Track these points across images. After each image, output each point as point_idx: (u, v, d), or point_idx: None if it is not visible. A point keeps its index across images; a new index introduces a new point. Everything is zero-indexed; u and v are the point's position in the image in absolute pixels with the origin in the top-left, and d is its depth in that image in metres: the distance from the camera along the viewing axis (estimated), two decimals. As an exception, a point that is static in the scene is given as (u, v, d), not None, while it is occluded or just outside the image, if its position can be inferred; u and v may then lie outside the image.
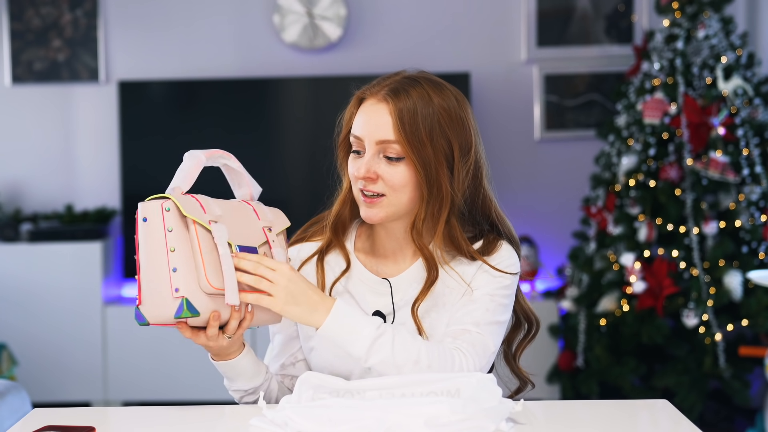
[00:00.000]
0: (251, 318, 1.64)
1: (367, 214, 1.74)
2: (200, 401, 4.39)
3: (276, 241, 1.70)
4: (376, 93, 1.74)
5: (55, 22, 4.87)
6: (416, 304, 1.76)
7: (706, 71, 4.10)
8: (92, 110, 4.91)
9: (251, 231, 1.67)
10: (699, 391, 3.84)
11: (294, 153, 4.75)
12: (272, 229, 1.70)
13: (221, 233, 1.60)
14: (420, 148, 1.69)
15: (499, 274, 1.77)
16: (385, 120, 1.71)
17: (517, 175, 4.86)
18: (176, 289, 1.56)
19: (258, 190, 1.75)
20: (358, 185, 1.74)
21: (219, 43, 4.88)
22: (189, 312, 1.57)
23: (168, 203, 1.59)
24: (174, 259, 1.57)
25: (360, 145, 1.74)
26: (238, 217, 1.67)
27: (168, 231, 1.58)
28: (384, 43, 4.86)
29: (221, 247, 1.59)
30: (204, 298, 1.58)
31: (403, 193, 1.72)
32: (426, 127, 1.70)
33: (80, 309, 4.55)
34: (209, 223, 1.60)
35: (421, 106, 1.70)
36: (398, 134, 1.69)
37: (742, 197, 3.95)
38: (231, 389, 1.79)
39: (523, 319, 1.88)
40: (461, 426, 1.47)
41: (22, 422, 1.65)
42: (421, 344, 1.67)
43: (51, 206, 4.93)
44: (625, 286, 4.04)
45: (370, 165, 1.71)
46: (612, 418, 1.67)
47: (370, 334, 1.64)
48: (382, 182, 1.71)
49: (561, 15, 4.84)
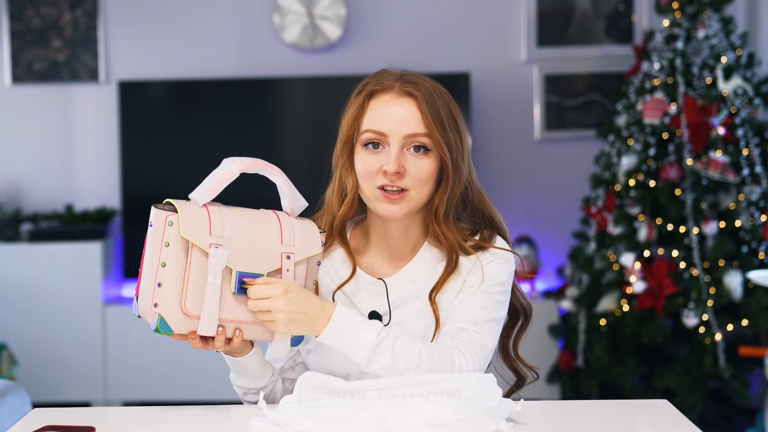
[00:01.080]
0: (241, 336, 1.63)
1: (390, 211, 1.72)
2: (200, 401, 4.39)
3: (292, 270, 1.62)
4: (390, 87, 1.74)
5: (55, 22, 4.87)
6: (434, 293, 1.76)
7: (706, 71, 4.10)
8: (92, 110, 4.91)
9: (265, 255, 1.61)
10: (699, 391, 3.84)
11: (294, 153, 4.75)
12: (293, 255, 1.63)
13: (218, 260, 1.57)
14: (445, 135, 1.72)
15: (493, 271, 1.77)
16: (412, 113, 1.72)
17: (517, 175, 4.86)
18: (155, 304, 1.57)
19: (301, 206, 1.69)
20: (377, 182, 1.72)
21: (219, 43, 4.88)
22: (162, 330, 1.57)
23: (173, 217, 1.57)
24: (162, 275, 1.57)
25: (383, 140, 1.73)
26: (254, 238, 1.61)
27: (165, 245, 1.57)
28: (384, 43, 4.86)
29: (210, 275, 1.56)
30: (181, 319, 1.58)
31: (427, 187, 1.74)
32: (445, 116, 1.73)
33: (80, 309, 4.55)
34: (209, 247, 1.57)
35: (439, 100, 1.74)
36: (428, 126, 1.71)
37: (742, 197, 3.95)
38: (235, 384, 1.79)
39: (519, 309, 1.87)
40: (461, 426, 1.47)
41: (22, 422, 1.65)
42: (421, 347, 1.67)
43: (51, 206, 4.93)
44: (625, 286, 4.04)
45: (400, 159, 1.71)
46: (612, 418, 1.67)
47: (371, 341, 1.64)
48: (408, 177, 1.72)
49: (561, 15, 4.84)
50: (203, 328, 1.58)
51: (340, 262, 1.83)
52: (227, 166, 1.62)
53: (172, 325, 1.57)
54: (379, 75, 1.78)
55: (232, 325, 1.62)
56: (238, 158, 1.64)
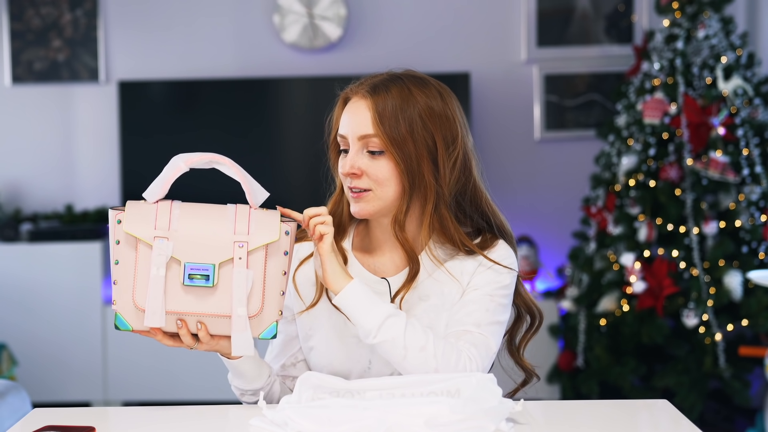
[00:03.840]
0: (205, 330, 1.62)
1: (355, 209, 1.77)
2: (200, 401, 4.39)
3: (244, 258, 1.61)
4: (357, 91, 1.78)
5: (55, 22, 4.87)
6: (397, 296, 1.77)
7: (706, 71, 4.10)
8: (92, 110, 4.91)
9: (216, 245, 1.61)
10: (699, 391, 3.84)
11: (294, 153, 4.74)
12: (246, 244, 1.61)
13: (160, 251, 1.59)
14: (400, 141, 1.72)
15: (497, 274, 1.78)
16: (364, 115, 1.74)
17: (517, 175, 4.86)
18: (113, 301, 1.62)
19: (260, 197, 1.66)
20: (346, 183, 1.77)
21: (219, 43, 4.88)
22: (119, 326, 1.61)
23: (121, 215, 1.61)
24: (116, 272, 1.61)
25: (345, 143, 1.77)
26: (203, 230, 1.61)
27: (116, 243, 1.61)
28: (384, 43, 4.86)
29: (153, 267, 1.59)
30: (134, 314, 1.61)
31: (389, 187, 1.74)
32: (406, 121, 1.72)
33: (80, 309, 4.56)
34: (153, 240, 1.59)
35: (400, 102, 1.73)
36: (377, 128, 1.72)
37: (742, 197, 3.95)
38: (232, 384, 1.80)
39: (525, 311, 1.88)
40: (461, 426, 1.48)
41: (22, 422, 1.66)
42: (430, 335, 1.69)
43: (51, 206, 4.93)
44: (625, 286, 4.04)
45: (354, 161, 1.74)
46: (612, 418, 1.67)
47: (386, 311, 1.67)
48: (366, 177, 1.74)
49: (561, 15, 4.84)
50: (149, 318, 1.60)
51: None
52: (174, 162, 1.66)
53: (128, 321, 1.61)
54: (364, 78, 1.81)
55: (193, 318, 1.61)
56: (186, 154, 1.66)
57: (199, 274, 1.60)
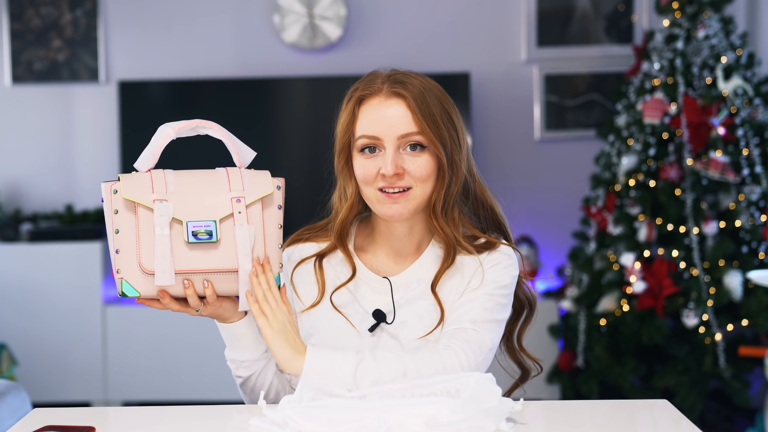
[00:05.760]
0: (212, 288, 1.64)
1: (394, 210, 1.74)
2: (200, 401, 4.39)
3: (243, 212, 1.65)
4: (378, 91, 1.75)
5: (55, 22, 4.87)
6: (435, 283, 1.77)
7: (706, 71, 4.10)
8: (92, 110, 4.91)
9: (214, 203, 1.65)
10: (699, 391, 3.84)
11: (294, 153, 4.74)
12: (243, 199, 1.66)
13: (162, 212, 1.61)
14: (438, 131, 1.73)
15: (497, 273, 1.78)
16: (402, 113, 1.73)
17: (517, 175, 4.86)
18: (117, 270, 1.62)
19: (249, 157, 1.72)
20: (377, 185, 1.74)
21: (219, 43, 4.88)
22: (126, 292, 1.62)
23: (117, 185, 1.64)
24: (118, 241, 1.63)
25: (377, 144, 1.74)
26: (200, 190, 1.65)
27: (114, 213, 1.63)
28: (384, 43, 4.86)
29: (158, 228, 1.61)
30: (142, 278, 1.62)
31: (429, 183, 1.75)
32: (437, 111, 1.74)
33: (80, 309, 4.55)
34: (153, 203, 1.62)
35: (427, 96, 1.74)
36: (419, 124, 1.72)
37: (742, 197, 3.95)
38: (228, 358, 1.78)
39: (523, 300, 1.88)
40: (461, 426, 1.48)
41: (22, 422, 1.66)
42: (404, 357, 1.67)
43: (51, 206, 4.93)
44: (625, 286, 4.04)
45: (397, 161, 1.72)
46: (612, 418, 1.67)
47: (351, 361, 1.65)
48: (408, 176, 1.73)
49: (561, 15, 4.84)
50: (159, 278, 1.61)
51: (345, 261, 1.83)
52: (163, 130, 1.70)
53: (135, 286, 1.62)
54: (368, 78, 1.79)
55: (199, 277, 1.63)
56: (174, 122, 1.71)
57: (202, 230, 1.63)
